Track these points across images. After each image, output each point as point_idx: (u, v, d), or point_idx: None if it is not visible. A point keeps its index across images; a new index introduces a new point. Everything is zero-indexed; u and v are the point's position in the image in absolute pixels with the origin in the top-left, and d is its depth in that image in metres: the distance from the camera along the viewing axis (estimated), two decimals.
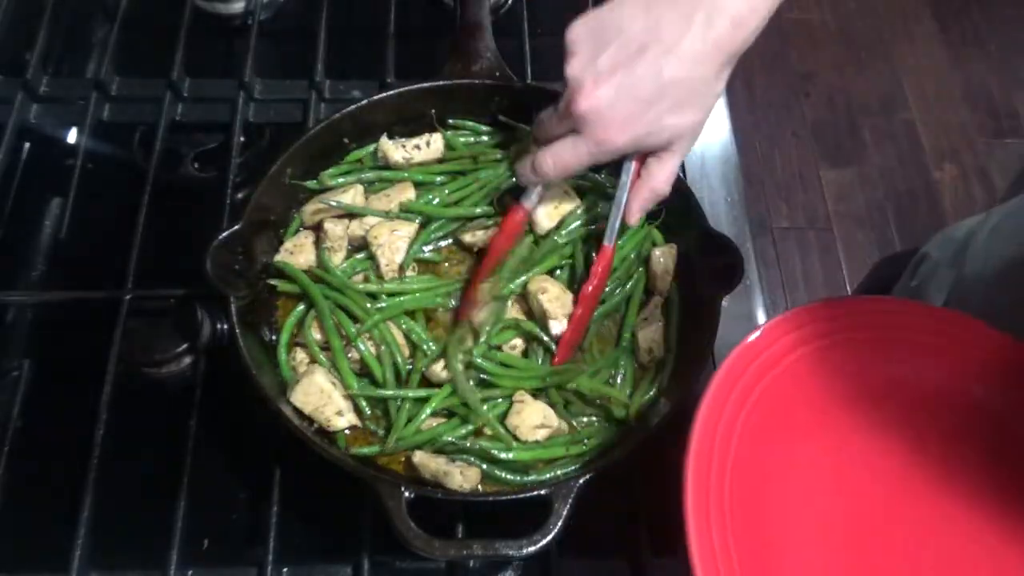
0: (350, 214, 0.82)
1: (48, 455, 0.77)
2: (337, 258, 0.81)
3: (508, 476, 0.71)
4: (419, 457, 0.70)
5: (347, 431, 0.73)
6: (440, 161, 0.87)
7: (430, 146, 0.85)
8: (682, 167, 0.95)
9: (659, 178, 0.73)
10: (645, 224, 0.83)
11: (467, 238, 0.82)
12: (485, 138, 0.88)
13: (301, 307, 0.78)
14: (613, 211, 0.75)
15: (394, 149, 0.84)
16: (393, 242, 0.79)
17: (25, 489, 0.75)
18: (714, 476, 0.58)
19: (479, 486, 0.70)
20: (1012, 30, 2.66)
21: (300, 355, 0.76)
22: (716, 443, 0.59)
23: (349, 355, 0.75)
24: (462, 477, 0.68)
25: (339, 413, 0.71)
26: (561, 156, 0.71)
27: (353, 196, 0.82)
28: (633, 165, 0.73)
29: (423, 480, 0.69)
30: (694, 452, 0.57)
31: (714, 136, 0.99)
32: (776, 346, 0.64)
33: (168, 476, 0.73)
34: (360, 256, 0.81)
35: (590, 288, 0.76)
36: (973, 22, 2.69)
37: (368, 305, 0.76)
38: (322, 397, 0.71)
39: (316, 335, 0.76)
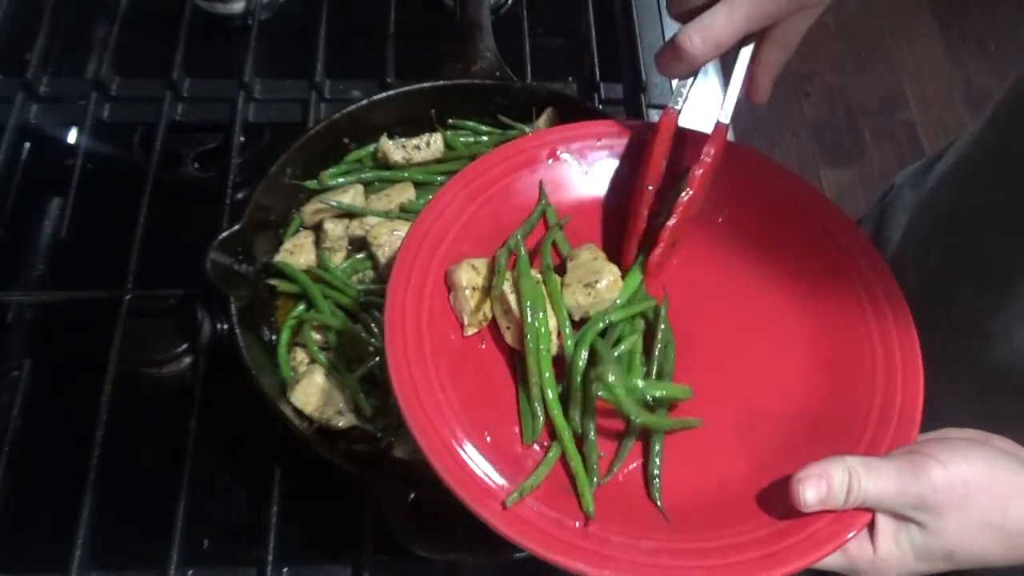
0: (350, 214, 0.82)
1: (48, 455, 0.77)
2: (337, 258, 0.81)
3: None
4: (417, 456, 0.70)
5: (347, 431, 0.73)
6: (440, 161, 0.87)
7: (430, 146, 0.85)
8: None
9: (790, 39, 0.61)
10: None
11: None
12: (485, 138, 0.88)
13: (301, 307, 0.78)
14: (733, 81, 0.65)
15: (394, 149, 0.84)
16: (393, 242, 0.79)
17: (25, 489, 0.75)
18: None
19: None
20: (1012, 30, 2.66)
21: (300, 355, 0.76)
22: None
23: (349, 355, 0.75)
24: None
25: (339, 413, 0.71)
26: (711, 27, 0.59)
27: (353, 196, 0.82)
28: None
29: (421, 480, 0.69)
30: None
31: None
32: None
33: (168, 476, 0.73)
34: (360, 256, 0.81)
35: (699, 172, 0.63)
36: (973, 22, 2.69)
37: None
38: (322, 397, 0.71)
39: (316, 335, 0.76)
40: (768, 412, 0.59)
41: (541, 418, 0.56)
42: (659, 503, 0.54)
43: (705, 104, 0.72)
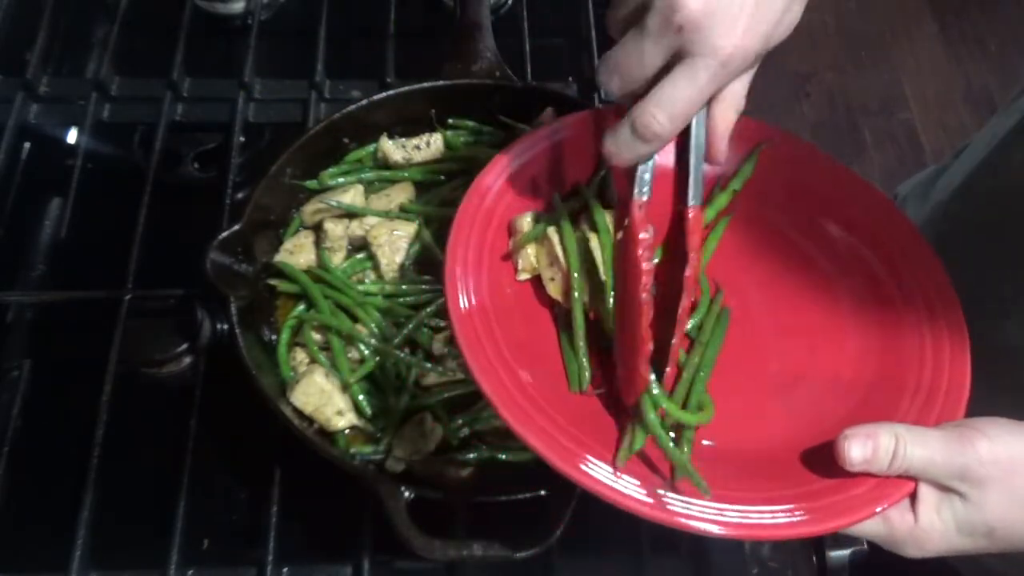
0: (350, 214, 0.82)
1: (48, 455, 0.77)
2: (337, 258, 0.81)
3: (508, 475, 0.71)
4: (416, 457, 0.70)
5: (347, 431, 0.73)
6: (440, 161, 0.87)
7: (430, 146, 0.85)
8: None
9: (740, 92, 0.56)
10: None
11: None
12: (485, 138, 0.88)
13: (301, 307, 0.78)
14: (693, 158, 0.58)
15: (394, 149, 0.84)
16: (393, 242, 0.79)
17: (25, 489, 0.75)
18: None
19: (477, 486, 0.70)
20: (1012, 30, 2.66)
21: (300, 355, 0.76)
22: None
23: (349, 355, 0.75)
24: (459, 477, 0.68)
25: (339, 413, 0.71)
26: (674, 99, 0.50)
27: (353, 196, 0.82)
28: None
29: (421, 480, 0.69)
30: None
31: None
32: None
33: (168, 476, 0.73)
34: (360, 256, 0.81)
35: (689, 274, 0.57)
36: (973, 22, 2.69)
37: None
38: (322, 397, 0.71)
39: (316, 335, 0.76)
40: (817, 379, 0.60)
41: (587, 370, 0.58)
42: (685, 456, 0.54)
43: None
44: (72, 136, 0.94)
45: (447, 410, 0.73)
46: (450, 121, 0.88)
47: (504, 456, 0.71)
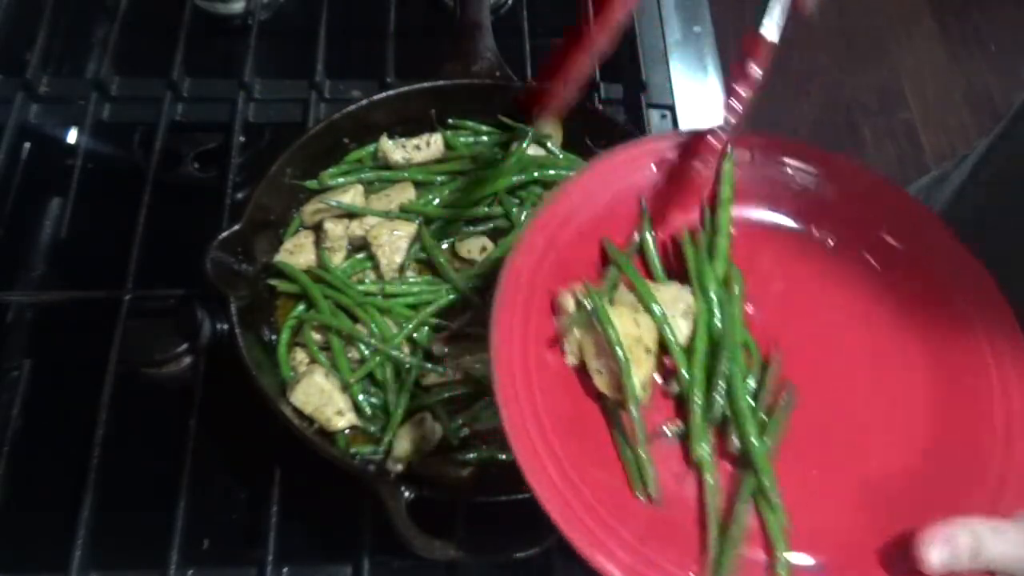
0: (350, 214, 0.82)
1: (48, 455, 0.77)
2: (337, 258, 0.81)
3: (507, 475, 0.71)
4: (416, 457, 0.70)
5: (347, 431, 0.73)
6: (440, 161, 0.87)
7: (430, 146, 0.85)
8: None
9: None
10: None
11: (463, 251, 0.82)
12: (485, 138, 0.88)
13: (301, 307, 0.78)
14: None
15: (394, 149, 0.84)
16: (393, 242, 0.79)
17: (25, 489, 0.75)
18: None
19: (476, 486, 0.70)
20: (1012, 30, 2.66)
21: (300, 355, 0.76)
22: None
23: (349, 355, 0.75)
24: (458, 477, 0.68)
25: (339, 413, 0.71)
26: None
27: (353, 196, 0.82)
28: None
29: (421, 480, 0.69)
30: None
31: None
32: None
33: (168, 476, 0.73)
34: (360, 256, 0.81)
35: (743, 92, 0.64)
36: (973, 22, 2.69)
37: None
38: (322, 397, 0.71)
39: (316, 335, 0.76)
40: (886, 464, 0.56)
41: (649, 473, 0.53)
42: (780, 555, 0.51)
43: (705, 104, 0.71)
44: (72, 136, 0.94)
45: (447, 410, 0.73)
46: (450, 121, 0.88)
47: (504, 456, 0.71)
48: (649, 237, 0.62)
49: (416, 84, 0.86)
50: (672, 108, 1.00)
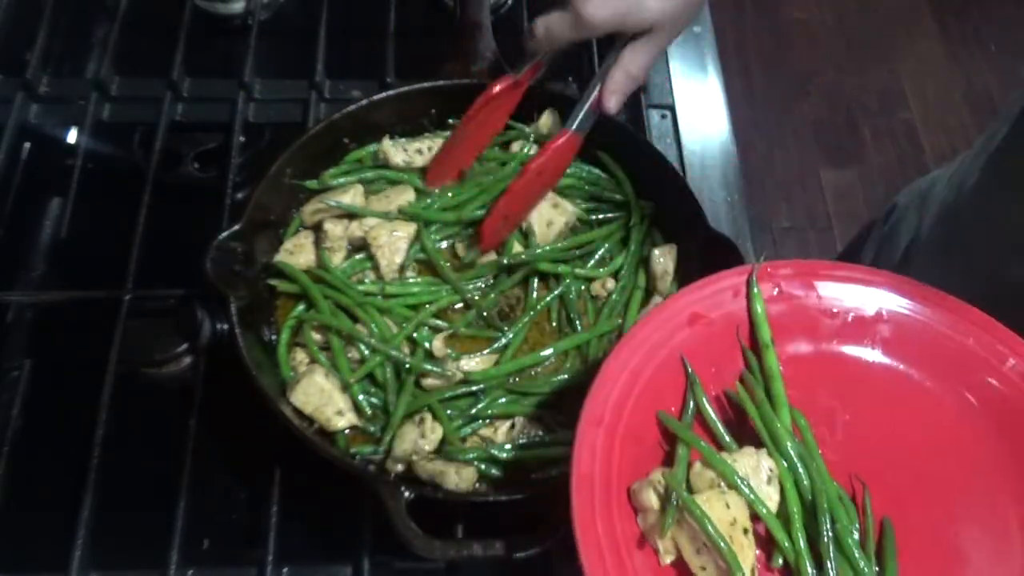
0: (350, 214, 0.82)
1: (48, 455, 0.77)
2: (337, 258, 0.81)
3: (507, 475, 0.71)
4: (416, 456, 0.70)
5: (347, 431, 0.73)
6: None
7: (431, 150, 0.85)
8: (682, 167, 0.96)
9: (635, 63, 0.74)
10: (646, 221, 0.84)
11: (462, 252, 0.82)
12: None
13: (301, 307, 0.78)
14: (584, 96, 0.77)
15: (395, 151, 0.84)
16: (393, 243, 0.79)
17: (25, 489, 0.75)
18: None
19: (476, 486, 0.70)
20: (1012, 30, 2.66)
21: (300, 355, 0.76)
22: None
23: (349, 355, 0.75)
24: (458, 477, 0.68)
25: (339, 413, 0.71)
26: (550, 25, 0.73)
27: (353, 196, 0.82)
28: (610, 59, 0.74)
29: (421, 480, 0.69)
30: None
31: (714, 136, 1.00)
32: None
33: (168, 476, 0.73)
34: (360, 256, 0.81)
35: (533, 164, 0.76)
36: (973, 22, 2.69)
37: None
38: (322, 397, 0.71)
39: (316, 335, 0.76)
40: None
41: None
42: None
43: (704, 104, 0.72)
44: (72, 136, 0.94)
45: (447, 410, 0.73)
46: (450, 121, 0.88)
47: (504, 456, 0.71)
48: (704, 400, 0.58)
49: (416, 84, 0.86)
50: (672, 108, 1.00)
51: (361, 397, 0.73)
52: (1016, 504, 0.57)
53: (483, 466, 0.71)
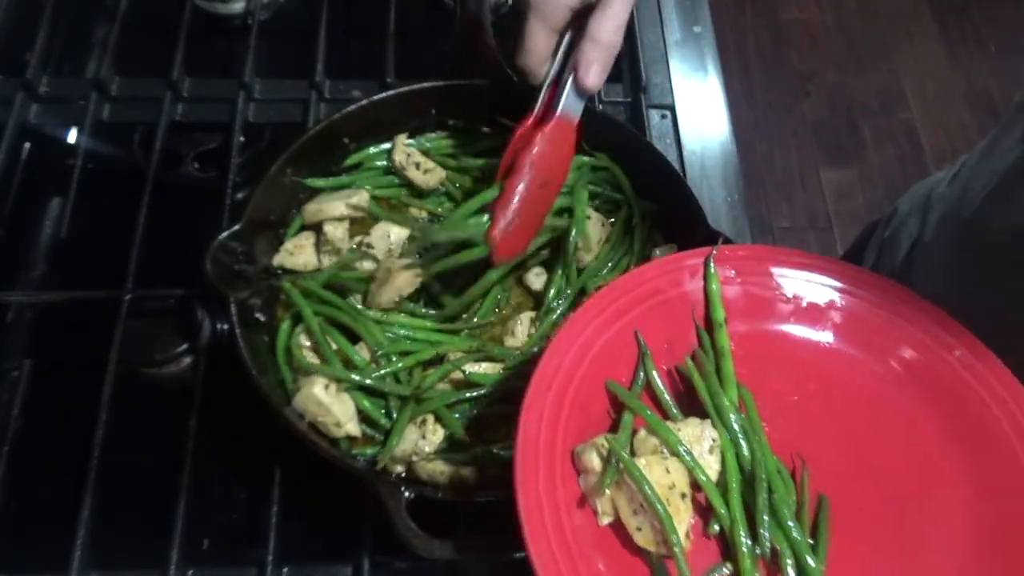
0: (350, 216, 0.82)
1: (48, 455, 0.77)
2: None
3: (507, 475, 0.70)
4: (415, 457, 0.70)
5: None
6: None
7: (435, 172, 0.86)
8: (682, 167, 0.95)
9: (602, 29, 0.68)
10: (647, 221, 0.84)
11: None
12: (484, 138, 0.88)
13: (286, 325, 0.76)
14: (562, 78, 0.72)
15: (407, 164, 0.85)
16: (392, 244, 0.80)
17: (25, 489, 0.75)
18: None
19: (477, 486, 0.70)
20: (1012, 30, 2.66)
21: (300, 356, 0.76)
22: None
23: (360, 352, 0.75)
24: (458, 477, 0.68)
25: (338, 425, 0.70)
26: (523, 45, 0.73)
27: (357, 203, 0.82)
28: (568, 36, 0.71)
29: (421, 480, 0.69)
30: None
31: (714, 136, 1.00)
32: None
33: (168, 476, 0.73)
34: (353, 249, 0.81)
35: (526, 156, 0.71)
36: (973, 22, 2.69)
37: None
38: (320, 408, 0.70)
39: (306, 342, 0.75)
40: (925, 559, 0.55)
41: None
42: None
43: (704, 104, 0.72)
44: (72, 136, 0.94)
45: (448, 411, 0.73)
46: (450, 122, 0.88)
47: (504, 456, 0.71)
48: (654, 373, 0.60)
49: (416, 84, 0.86)
50: (672, 108, 1.00)
51: (366, 403, 0.72)
52: (960, 488, 0.58)
53: (483, 466, 0.71)
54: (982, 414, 0.59)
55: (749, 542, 0.53)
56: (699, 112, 1.01)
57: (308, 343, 0.75)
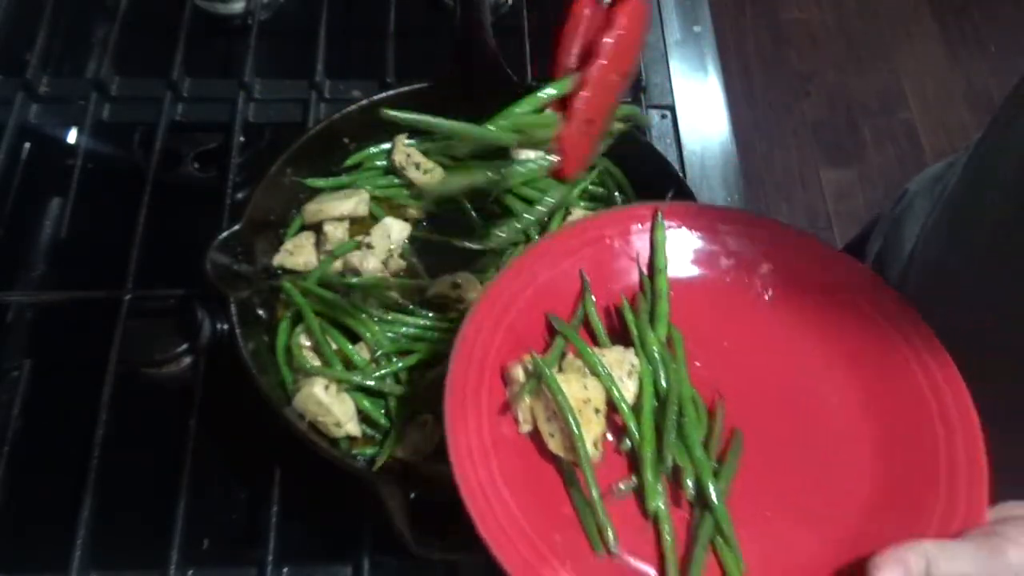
0: (350, 216, 0.82)
1: (48, 455, 0.77)
2: (337, 263, 0.80)
3: None
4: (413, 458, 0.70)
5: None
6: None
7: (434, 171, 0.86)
8: (682, 167, 0.95)
9: None
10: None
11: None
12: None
13: (284, 324, 0.77)
14: None
15: (407, 164, 0.85)
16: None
17: (25, 489, 0.75)
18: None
19: None
20: (1012, 30, 2.66)
21: (300, 357, 0.76)
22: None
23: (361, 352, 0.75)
24: None
25: (337, 425, 0.71)
26: None
27: (357, 203, 0.82)
28: None
29: (421, 480, 0.69)
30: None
31: (714, 136, 1.00)
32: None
33: (168, 476, 0.73)
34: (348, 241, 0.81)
35: (607, 39, 0.59)
36: (973, 22, 2.69)
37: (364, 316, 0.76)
38: (321, 409, 0.70)
39: (306, 342, 0.75)
40: (834, 493, 0.58)
41: (608, 528, 0.54)
42: None
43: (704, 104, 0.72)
44: (72, 136, 0.94)
45: None
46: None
47: None
48: (592, 308, 0.64)
49: (416, 84, 0.86)
50: (672, 108, 1.00)
51: (366, 403, 0.73)
52: (868, 432, 0.60)
53: None
54: (899, 364, 0.62)
55: (652, 455, 0.56)
56: (699, 112, 1.01)
57: (308, 343, 0.75)
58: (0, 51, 0.98)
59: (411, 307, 0.78)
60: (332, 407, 0.70)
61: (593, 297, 0.64)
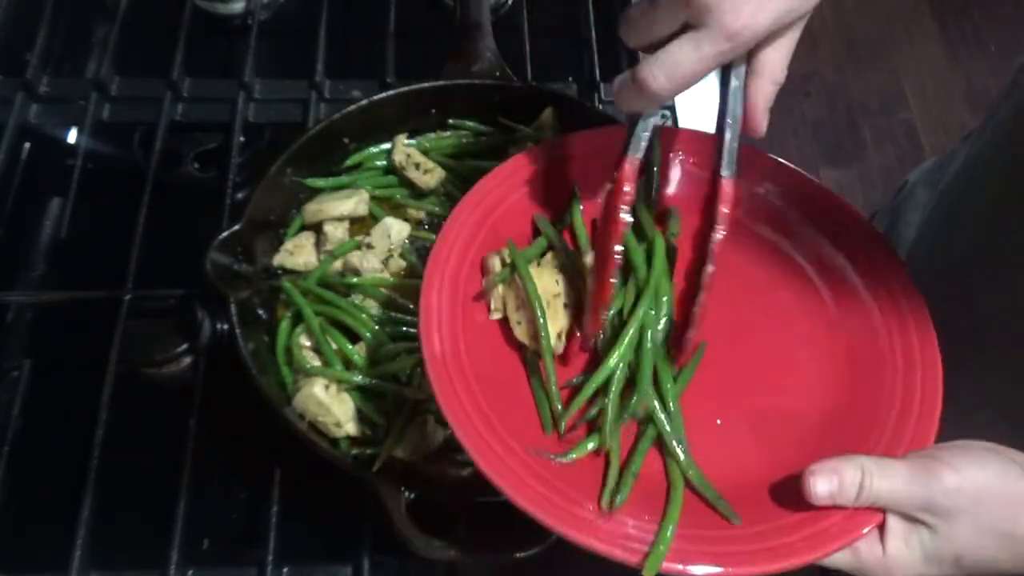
0: (350, 216, 0.82)
1: (48, 455, 0.77)
2: (337, 263, 0.80)
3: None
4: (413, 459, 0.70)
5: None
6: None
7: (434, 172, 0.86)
8: None
9: (780, 64, 0.56)
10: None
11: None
12: (484, 138, 0.88)
13: (284, 325, 0.77)
14: (728, 130, 0.57)
15: (407, 165, 0.85)
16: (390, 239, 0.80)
17: (25, 489, 0.75)
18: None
19: (477, 486, 0.70)
20: (1012, 30, 2.66)
21: (300, 357, 0.76)
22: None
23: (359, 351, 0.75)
24: (459, 477, 0.68)
25: (338, 425, 0.71)
26: (677, 62, 0.50)
27: (356, 203, 0.82)
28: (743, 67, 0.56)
29: (421, 480, 0.69)
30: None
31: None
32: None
33: (168, 476, 0.73)
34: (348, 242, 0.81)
35: (717, 240, 0.57)
36: (973, 22, 2.69)
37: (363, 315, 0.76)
38: (320, 408, 0.70)
39: (306, 342, 0.75)
40: (787, 409, 0.60)
41: (560, 413, 0.57)
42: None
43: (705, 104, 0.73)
44: (72, 136, 0.94)
45: None
46: (450, 121, 0.88)
47: None
48: (578, 213, 0.66)
49: (416, 84, 0.86)
50: (672, 108, 1.00)
51: (367, 403, 0.73)
52: (833, 359, 0.62)
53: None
54: (871, 305, 0.64)
55: (614, 353, 0.58)
56: (699, 112, 1.01)
57: (308, 343, 0.75)
58: (0, 51, 0.98)
59: (411, 307, 0.78)
60: (332, 407, 0.70)
61: (581, 206, 0.66)
